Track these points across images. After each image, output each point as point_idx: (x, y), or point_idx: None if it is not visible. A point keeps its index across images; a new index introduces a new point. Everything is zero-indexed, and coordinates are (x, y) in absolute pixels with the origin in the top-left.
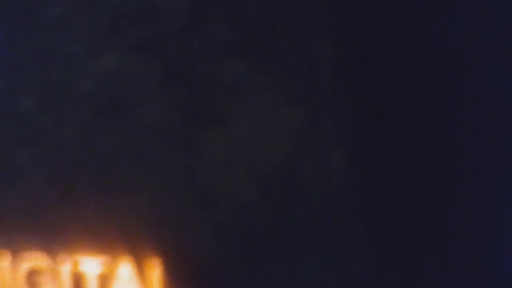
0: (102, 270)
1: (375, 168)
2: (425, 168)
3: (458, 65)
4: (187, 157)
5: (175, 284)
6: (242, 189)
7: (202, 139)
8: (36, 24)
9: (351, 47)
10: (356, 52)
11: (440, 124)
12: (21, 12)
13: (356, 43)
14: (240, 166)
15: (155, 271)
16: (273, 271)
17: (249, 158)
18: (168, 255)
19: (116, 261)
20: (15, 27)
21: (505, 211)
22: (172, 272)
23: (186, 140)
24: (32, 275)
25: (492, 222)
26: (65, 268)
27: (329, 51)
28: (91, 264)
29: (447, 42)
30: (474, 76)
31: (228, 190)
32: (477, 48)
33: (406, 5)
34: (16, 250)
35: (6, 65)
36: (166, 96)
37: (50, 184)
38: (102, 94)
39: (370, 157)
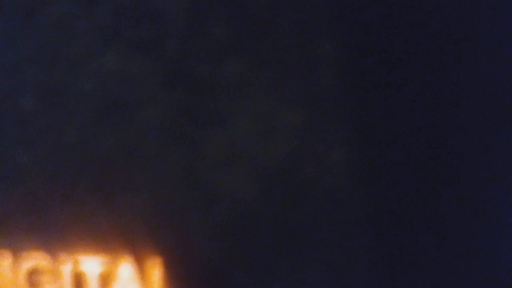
0: (103, 270)
1: (376, 168)
2: (426, 168)
3: (459, 64)
4: (187, 157)
5: (176, 283)
6: (242, 189)
7: (202, 139)
8: (36, 24)
9: (352, 46)
10: (356, 51)
11: (441, 123)
12: (21, 12)
13: (356, 43)
14: (240, 166)
15: (156, 271)
16: (274, 271)
17: (249, 158)
18: (168, 255)
19: (117, 261)
20: (16, 27)
21: (506, 211)
22: (173, 271)
23: (186, 140)
24: (33, 274)
25: (494, 221)
26: (66, 267)
27: (329, 51)
28: (91, 264)
29: (448, 42)
30: (475, 76)
31: (228, 190)
32: (478, 48)
33: (406, 5)
34: (16, 249)
35: (6, 65)
36: (166, 96)
37: (50, 184)
38: (102, 94)
39: (371, 157)
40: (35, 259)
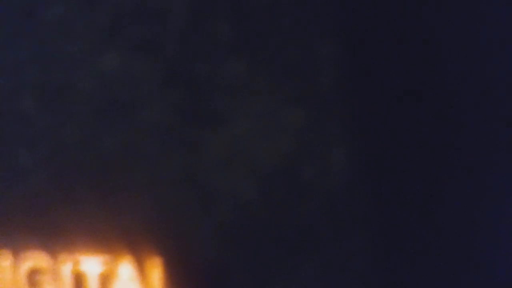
0: (103, 270)
1: (375, 168)
2: (425, 168)
3: (459, 64)
4: (187, 157)
5: (176, 283)
6: (242, 189)
7: (202, 139)
8: (36, 24)
9: (352, 47)
10: (356, 52)
11: (440, 123)
12: (21, 12)
13: (356, 43)
14: (240, 166)
15: (156, 271)
16: (273, 271)
17: (249, 158)
18: (168, 255)
19: (117, 261)
20: (15, 27)
21: (505, 212)
22: (173, 271)
23: (186, 140)
24: (33, 274)
25: (493, 222)
26: (66, 267)
27: (329, 51)
28: (92, 264)
29: (448, 42)
30: (474, 76)
31: (228, 190)
32: (478, 47)
33: (406, 5)
34: (17, 249)
35: (6, 65)
36: (166, 96)
37: (50, 184)
38: (102, 94)
39: (370, 157)
40: (35, 259)
